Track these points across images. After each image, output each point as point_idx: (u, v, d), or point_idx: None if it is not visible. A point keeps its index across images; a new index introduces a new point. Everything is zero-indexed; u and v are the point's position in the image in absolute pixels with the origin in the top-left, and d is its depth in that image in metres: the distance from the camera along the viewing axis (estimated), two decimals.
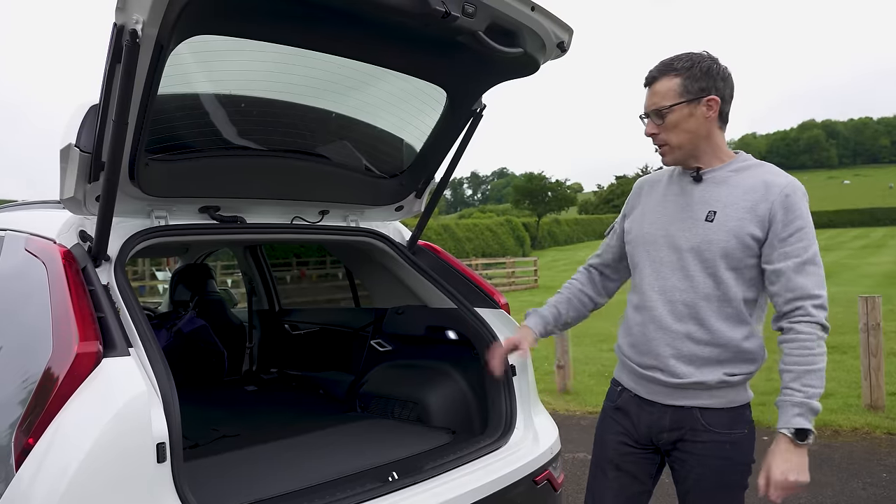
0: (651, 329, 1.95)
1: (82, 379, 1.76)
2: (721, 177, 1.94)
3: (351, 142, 2.78)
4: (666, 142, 1.94)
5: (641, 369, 1.98)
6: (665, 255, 1.95)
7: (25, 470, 1.72)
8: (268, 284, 4.82)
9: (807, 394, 1.76)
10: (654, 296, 1.95)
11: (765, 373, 6.93)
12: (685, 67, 1.89)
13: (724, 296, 1.87)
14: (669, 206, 2.00)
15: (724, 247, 1.86)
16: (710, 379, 1.88)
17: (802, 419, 1.74)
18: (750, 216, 1.85)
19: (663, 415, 1.95)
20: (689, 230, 1.92)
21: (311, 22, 2.03)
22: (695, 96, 1.88)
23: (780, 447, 1.77)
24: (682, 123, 1.90)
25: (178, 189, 2.38)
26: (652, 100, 1.93)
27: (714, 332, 1.88)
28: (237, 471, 2.49)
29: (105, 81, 1.81)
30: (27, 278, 2.15)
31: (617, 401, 2.09)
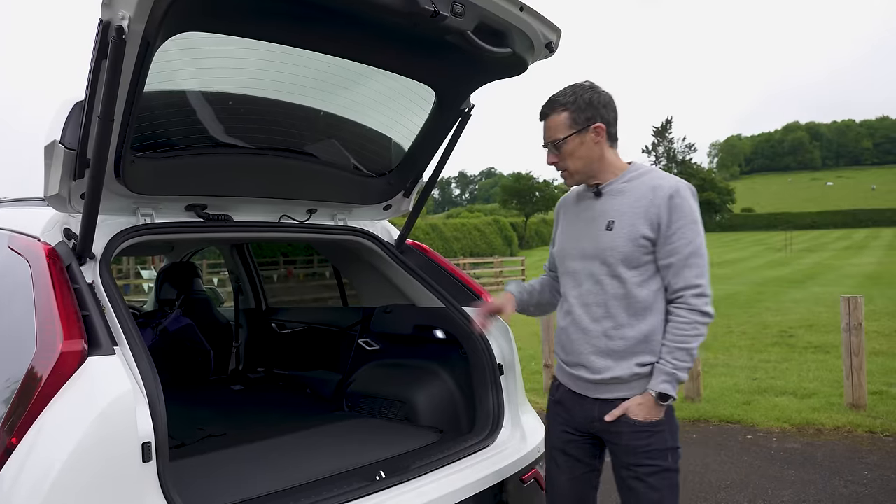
0: (573, 331, 2.21)
1: (66, 378, 1.74)
2: (616, 189, 2.19)
3: (339, 140, 2.77)
4: (565, 168, 2.20)
5: (569, 367, 2.24)
6: (578, 266, 2.22)
7: (7, 470, 1.70)
8: (254, 283, 4.79)
9: (676, 366, 2.06)
10: (574, 302, 2.22)
11: (748, 371, 6.96)
12: (570, 102, 2.15)
13: (629, 293, 2.11)
14: (580, 222, 2.26)
15: (623, 250, 2.10)
16: (625, 373, 2.11)
17: (668, 385, 2.06)
18: (642, 220, 2.10)
19: (592, 407, 2.19)
20: (595, 240, 2.17)
21: (299, 20, 2.02)
22: (582, 126, 2.14)
23: (644, 399, 2.10)
24: (576, 151, 2.16)
25: (164, 187, 2.36)
26: (547, 133, 2.19)
27: (625, 327, 2.12)
28: (223, 470, 2.48)
29: (90, 78, 1.79)
30: (10, 276, 2.12)
31: (556, 395, 2.35)
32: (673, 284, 2.09)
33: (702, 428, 5.71)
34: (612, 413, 2.12)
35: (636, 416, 2.09)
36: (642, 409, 2.09)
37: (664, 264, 2.09)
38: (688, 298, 2.06)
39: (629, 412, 2.10)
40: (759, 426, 5.66)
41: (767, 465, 4.69)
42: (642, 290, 2.11)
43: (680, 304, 2.08)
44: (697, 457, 4.92)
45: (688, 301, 2.06)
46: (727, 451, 5.07)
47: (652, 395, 2.08)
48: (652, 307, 2.11)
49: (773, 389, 6.78)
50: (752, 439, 5.33)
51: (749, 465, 4.73)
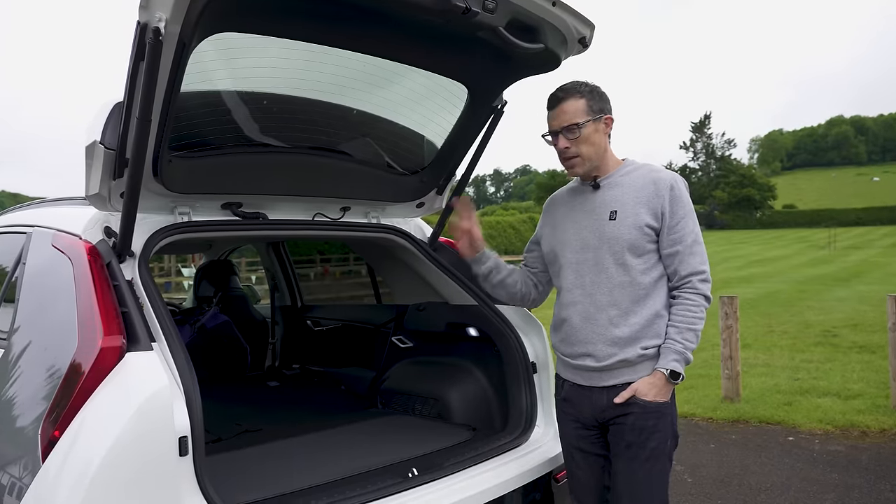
0: (577, 321, 2.24)
1: (106, 373, 1.78)
2: (615, 181, 2.27)
3: (372, 139, 2.78)
4: (577, 154, 2.24)
5: (573, 359, 2.27)
6: (581, 256, 2.26)
7: (51, 462, 1.75)
8: (290, 280, 4.84)
9: (685, 346, 2.15)
10: (578, 292, 2.25)
11: (790, 371, 6.78)
12: (587, 90, 2.23)
13: (633, 281, 2.18)
14: (577, 214, 2.32)
15: (628, 238, 2.18)
16: (631, 356, 2.16)
17: (677, 364, 2.14)
18: (644, 210, 2.19)
19: (600, 396, 2.22)
20: (598, 230, 2.24)
21: (332, 19, 2.04)
22: (597, 115, 2.23)
23: (654, 379, 2.15)
24: (590, 137, 2.23)
25: (200, 185, 2.40)
26: (563, 117, 2.22)
27: (630, 314, 2.17)
28: (259, 465, 2.51)
29: (129, 79, 1.83)
30: (54, 274, 2.18)
31: (562, 393, 2.37)
32: (680, 271, 2.18)
33: (741, 429, 5.59)
34: (622, 394, 2.16)
35: (646, 395, 2.14)
36: (652, 388, 2.15)
37: (670, 252, 2.19)
38: (695, 283, 2.17)
39: (639, 392, 2.15)
40: (801, 428, 5.52)
41: (809, 468, 4.58)
42: (646, 277, 2.18)
43: (688, 289, 2.18)
44: (736, 458, 4.82)
45: (696, 286, 2.17)
46: (767, 452, 4.95)
47: (663, 373, 2.14)
48: (653, 293, 2.19)
49: (815, 390, 6.60)
50: (794, 441, 5.20)
51: (790, 467, 4.62)
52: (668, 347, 2.16)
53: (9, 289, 2.55)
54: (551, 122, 2.26)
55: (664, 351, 2.17)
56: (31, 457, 1.81)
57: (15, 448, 1.93)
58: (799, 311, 12.91)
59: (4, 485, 1.88)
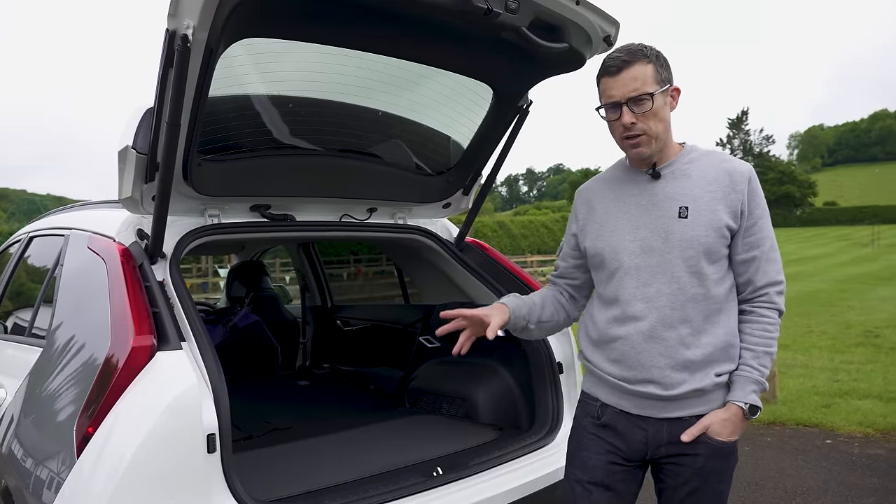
0: (639, 341, 1.82)
1: (138, 371, 1.83)
2: (680, 170, 1.86)
3: (399, 140, 2.81)
4: (645, 131, 1.80)
5: (630, 385, 1.85)
6: (642, 261, 1.84)
7: (86, 458, 1.80)
8: (320, 281, 4.91)
9: (762, 373, 1.82)
10: (640, 305, 1.83)
11: (829, 373, 6.58)
12: (654, 55, 1.80)
13: (708, 293, 1.81)
14: (632, 209, 1.89)
15: (705, 241, 1.80)
16: (706, 384, 1.80)
17: (756, 396, 1.80)
18: (722, 207, 1.81)
19: (659, 429, 1.85)
20: (664, 230, 1.83)
21: (355, 23, 2.06)
22: (666, 85, 1.81)
23: (730, 414, 1.80)
24: (660, 112, 1.80)
25: (229, 188, 2.45)
26: (631, 86, 1.77)
27: (703, 333, 1.81)
28: (287, 462, 2.55)
29: (159, 85, 1.88)
30: (89, 275, 2.25)
31: (601, 418, 1.93)
32: (756, 281, 1.84)
33: (777, 431, 5.48)
34: (690, 432, 1.80)
35: (720, 435, 1.79)
36: (728, 425, 1.79)
37: (745, 258, 1.83)
38: (773, 296, 1.85)
39: (711, 431, 1.80)
40: (840, 431, 5.38)
41: (848, 472, 4.46)
42: (719, 288, 1.82)
43: (763, 303, 1.85)
44: (772, 461, 4.73)
45: (773, 299, 1.85)
46: (804, 456, 4.85)
47: (742, 408, 1.79)
48: (726, 308, 1.84)
49: (855, 392, 6.43)
50: (832, 444, 5.08)
51: (828, 471, 4.51)
52: (746, 377, 1.81)
53: (48, 289, 2.64)
54: (612, 91, 1.80)
55: (740, 380, 1.81)
56: (67, 452, 1.87)
57: (52, 444, 2.00)
58: (839, 311, 12.60)
59: (43, 479, 1.95)
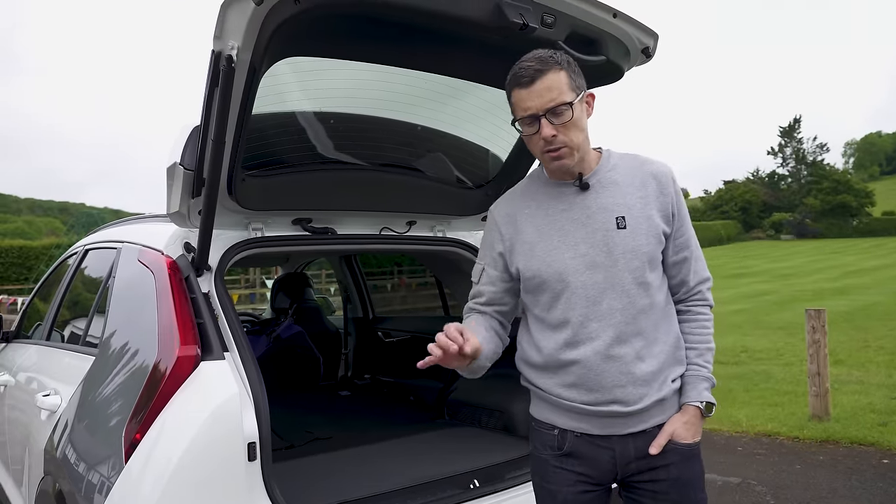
0: (597, 362, 1.73)
1: (183, 380, 1.90)
2: (606, 178, 1.79)
3: (438, 154, 2.84)
4: (566, 143, 1.70)
5: (592, 406, 1.75)
6: (588, 278, 1.74)
7: (133, 463, 1.88)
8: (362, 293, 4.97)
9: (709, 369, 1.82)
10: (593, 325, 1.73)
11: (886, 390, 6.32)
12: (566, 61, 1.72)
13: (653, 301, 1.76)
14: (565, 225, 1.78)
15: (647, 250, 1.75)
16: (665, 393, 1.76)
17: (709, 393, 1.80)
18: (656, 212, 1.77)
19: (625, 446, 1.77)
20: (605, 243, 1.74)
21: (395, 40, 2.10)
22: (580, 92, 1.73)
23: (689, 416, 1.78)
24: (580, 121, 1.72)
25: (272, 202, 2.51)
26: (547, 96, 1.67)
27: (656, 343, 1.76)
28: (326, 472, 2.59)
29: (205, 104, 1.95)
30: (139, 286, 2.34)
31: (563, 447, 1.82)
32: (690, 281, 1.83)
33: (830, 450, 5.29)
34: (657, 443, 1.75)
35: (685, 438, 1.76)
36: (689, 427, 1.77)
37: (677, 260, 1.81)
38: (704, 293, 1.86)
39: (676, 436, 1.76)
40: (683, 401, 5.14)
41: None
42: (661, 295, 1.79)
43: (698, 301, 1.85)
44: (825, 481, 4.57)
45: (705, 296, 1.86)
46: (859, 475, 4.67)
47: (698, 407, 1.77)
48: (668, 313, 1.81)
49: None
50: (889, 464, 4.88)
51: (884, 492, 4.34)
52: (695, 375, 1.80)
53: (101, 300, 2.75)
54: (527, 102, 1.69)
55: (691, 380, 1.80)
56: (116, 458, 1.94)
57: (103, 449, 2.07)
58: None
59: (94, 483, 2.03)
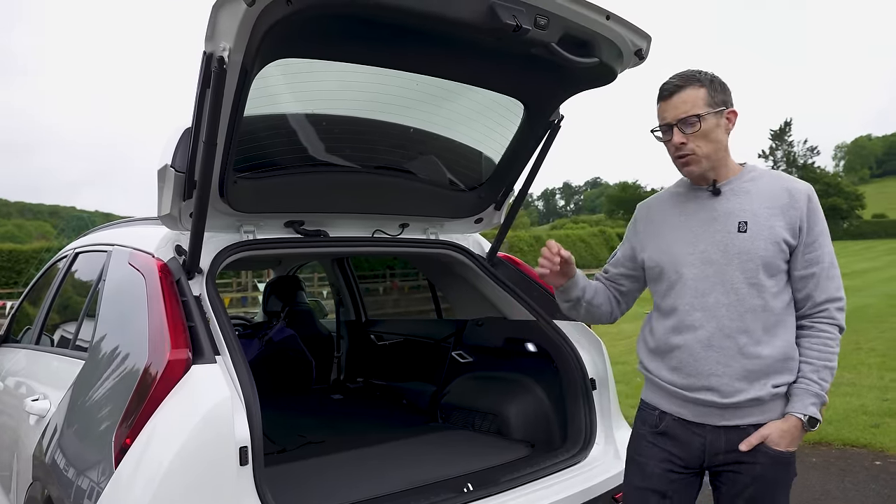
0: (698, 349, 1.91)
1: (173, 384, 1.88)
2: (739, 188, 1.97)
3: (430, 156, 2.83)
4: (694, 151, 1.93)
5: (688, 392, 1.93)
6: (701, 272, 1.94)
7: (124, 468, 1.86)
8: (354, 296, 4.95)
9: (822, 386, 1.87)
10: (698, 315, 1.92)
11: (878, 391, 6.34)
12: (708, 79, 1.93)
13: (766, 305, 1.89)
14: (692, 224, 1.99)
15: (763, 255, 1.88)
16: (763, 394, 1.87)
17: (815, 409, 1.86)
18: (781, 223, 1.90)
19: (717, 437, 1.91)
20: (723, 243, 1.92)
21: (385, 42, 2.09)
22: (719, 108, 1.93)
23: (788, 425, 1.86)
24: (710, 133, 1.92)
25: (264, 205, 2.50)
26: (681, 108, 1.92)
27: (762, 343, 1.88)
28: (319, 476, 2.57)
29: (196, 106, 1.94)
30: (129, 290, 2.32)
31: (659, 426, 2.00)
32: (816, 297, 1.91)
33: (823, 451, 5.30)
34: (749, 441, 1.87)
35: (778, 445, 1.86)
36: (786, 436, 1.86)
37: (804, 274, 1.91)
38: (832, 312, 1.91)
39: (769, 440, 1.86)
40: (890, 452, 5.18)
41: None
42: (778, 301, 1.90)
43: (823, 319, 1.91)
44: (817, 483, 4.58)
45: (832, 315, 1.91)
46: (852, 477, 4.68)
47: (801, 419, 1.85)
48: (784, 321, 1.91)
49: None
50: (882, 466, 4.90)
51: (877, 493, 4.35)
52: (805, 389, 1.87)
53: (91, 303, 2.73)
54: (664, 113, 1.95)
55: (799, 393, 1.88)
56: (106, 463, 1.92)
57: (93, 454, 2.05)
58: (890, 327, 12.16)
59: (84, 488, 2.01)
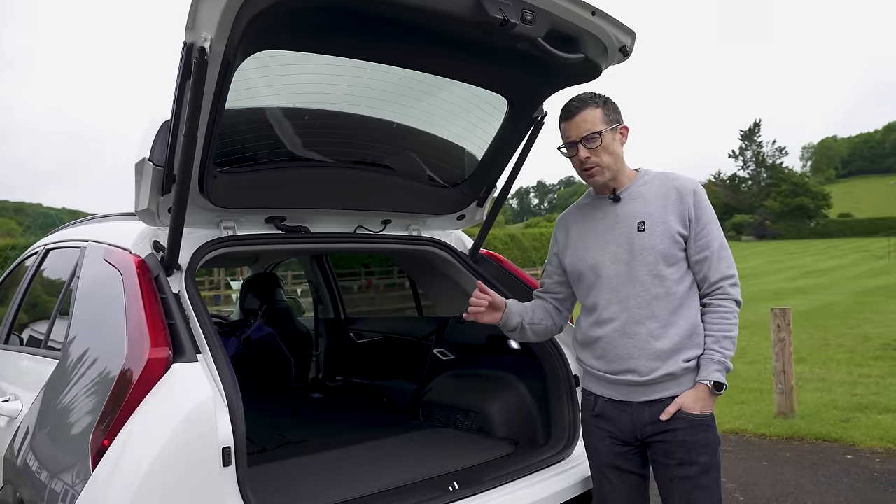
0: (615, 337, 2.18)
1: (153, 383, 1.83)
2: (636, 192, 2.24)
3: (413, 152, 2.80)
4: (598, 163, 2.19)
5: (612, 375, 2.20)
6: (614, 271, 2.20)
7: (101, 470, 1.79)
8: (333, 293, 4.90)
9: (724, 355, 2.13)
10: (613, 308, 2.19)
11: (847, 386, 6.47)
12: (602, 101, 2.20)
13: (669, 291, 2.15)
14: (600, 230, 2.27)
15: (661, 248, 2.15)
16: (675, 369, 2.12)
17: (720, 374, 2.11)
18: (673, 217, 2.16)
19: (641, 411, 2.17)
20: (628, 243, 2.19)
21: (370, 35, 2.06)
22: (614, 124, 2.20)
23: (698, 392, 2.12)
24: (610, 146, 2.19)
25: (245, 200, 2.45)
26: (583, 127, 2.17)
27: (668, 325, 2.14)
28: (301, 476, 2.53)
29: (176, 98, 1.89)
30: (105, 287, 2.25)
31: (594, 409, 2.29)
32: (710, 277, 2.16)
33: (796, 446, 5.39)
34: (668, 410, 2.12)
35: (692, 409, 2.11)
36: (698, 401, 2.11)
37: (699, 258, 2.17)
38: (727, 288, 2.16)
39: (684, 407, 2.12)
40: (860, 445, 5.29)
41: (869, 488, 4.38)
42: (680, 286, 2.15)
43: (719, 295, 2.16)
44: (791, 477, 4.65)
45: (727, 291, 2.16)
46: (824, 471, 4.76)
47: (707, 385, 2.11)
48: (687, 303, 2.16)
49: (875, 406, 6.33)
50: (852, 459, 4.99)
51: (849, 486, 4.43)
52: (708, 358, 2.13)
53: (64, 302, 2.65)
54: (569, 132, 2.21)
55: (704, 362, 2.14)
56: (82, 465, 1.86)
57: (68, 456, 1.99)
58: (857, 324, 12.44)
59: (58, 492, 1.94)
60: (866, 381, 7.50)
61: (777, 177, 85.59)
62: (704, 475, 2.11)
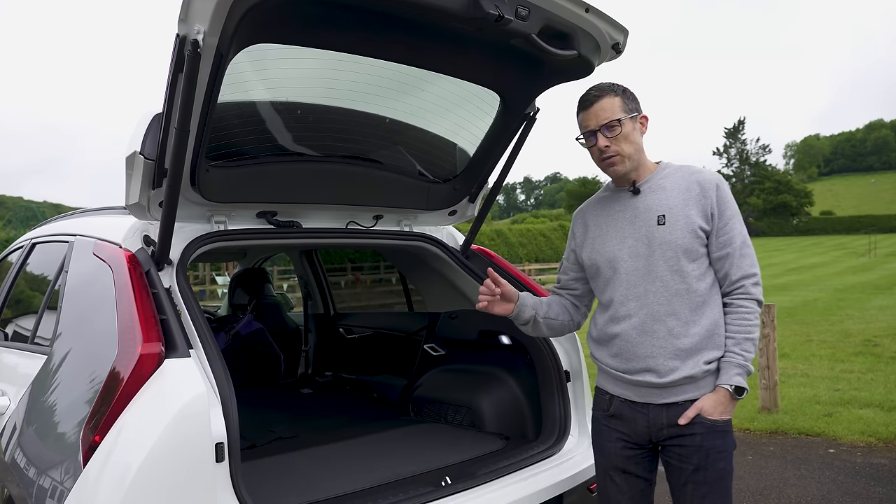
0: (633, 335, 2.10)
1: (145, 379, 1.81)
2: (656, 184, 2.16)
3: (405, 147, 2.80)
4: (618, 152, 2.12)
5: (630, 375, 2.12)
6: (632, 266, 2.12)
7: (92, 466, 1.78)
8: (323, 288, 4.88)
9: (745, 357, 2.04)
10: (631, 304, 2.11)
11: (829, 382, 6.56)
12: (621, 90, 2.14)
13: (690, 288, 2.06)
14: (619, 223, 2.19)
15: (682, 243, 2.07)
16: (696, 371, 2.04)
17: (741, 378, 2.03)
18: (695, 212, 2.08)
19: (658, 414, 2.09)
20: (647, 237, 2.11)
21: (364, 28, 2.05)
22: (633, 113, 2.14)
23: (719, 396, 2.04)
24: (630, 135, 2.12)
25: (236, 194, 2.43)
26: (602, 115, 2.11)
27: (690, 323, 2.05)
28: (292, 472, 2.52)
29: (168, 91, 1.87)
30: (95, 282, 2.22)
31: (609, 409, 2.20)
32: (732, 275, 2.08)
33: (779, 441, 5.46)
34: (686, 415, 2.04)
35: (711, 415, 2.03)
36: (718, 406, 2.03)
37: (720, 255, 2.09)
38: (748, 287, 2.08)
39: (704, 412, 2.04)
40: (842, 440, 5.37)
41: (852, 482, 4.45)
42: (701, 283, 2.07)
43: (740, 295, 2.08)
44: (775, 471, 4.71)
45: (749, 290, 2.08)
46: (807, 465, 4.83)
47: (728, 390, 2.03)
48: (709, 301, 2.08)
49: (856, 401, 6.42)
50: (835, 453, 5.06)
51: (832, 480, 4.50)
52: (729, 361, 2.04)
53: (52, 297, 2.62)
54: (588, 121, 2.14)
55: (725, 365, 2.05)
56: (72, 461, 1.84)
57: (57, 453, 1.97)
58: (838, 320, 12.60)
59: (46, 488, 1.92)
60: (848, 376, 7.60)
61: (760, 174, 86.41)
62: (720, 481, 2.05)
